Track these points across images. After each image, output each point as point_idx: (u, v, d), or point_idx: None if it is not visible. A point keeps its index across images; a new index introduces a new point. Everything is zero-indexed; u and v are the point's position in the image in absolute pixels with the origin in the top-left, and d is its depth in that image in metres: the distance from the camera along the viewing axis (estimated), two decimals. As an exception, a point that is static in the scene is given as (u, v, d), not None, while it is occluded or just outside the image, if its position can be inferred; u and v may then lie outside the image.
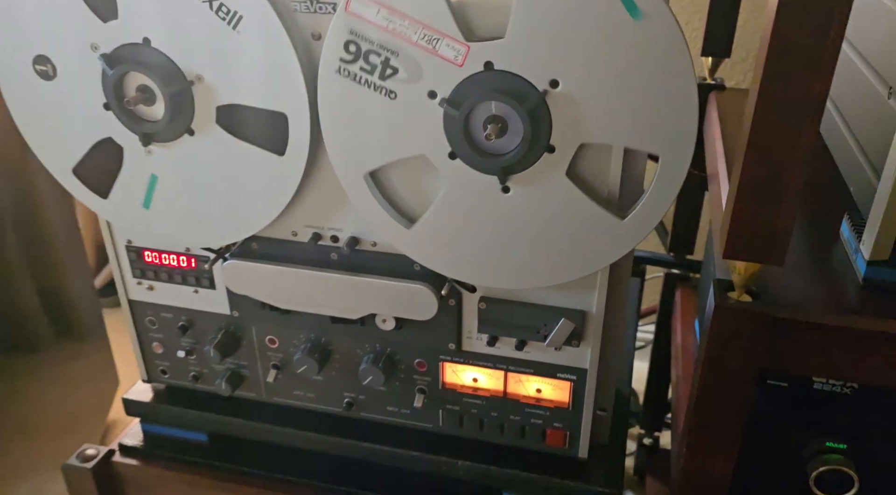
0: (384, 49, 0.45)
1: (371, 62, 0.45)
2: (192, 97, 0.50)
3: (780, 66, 0.37)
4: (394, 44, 0.44)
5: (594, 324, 0.54)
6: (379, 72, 0.46)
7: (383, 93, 0.46)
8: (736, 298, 0.45)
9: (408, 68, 0.45)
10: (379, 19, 0.44)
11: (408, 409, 0.62)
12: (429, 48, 0.44)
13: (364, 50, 0.45)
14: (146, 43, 0.49)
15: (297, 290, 0.57)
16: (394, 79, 0.45)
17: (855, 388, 0.52)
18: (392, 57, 0.45)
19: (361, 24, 0.44)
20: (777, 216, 0.41)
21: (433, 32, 0.44)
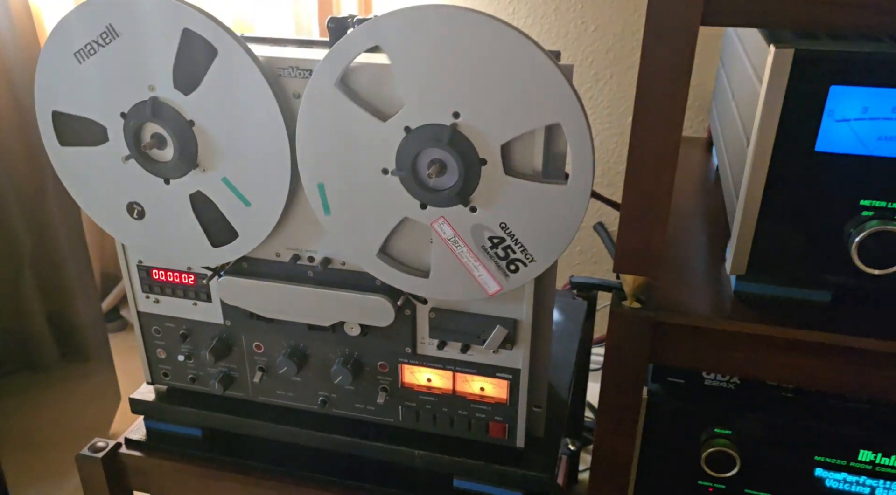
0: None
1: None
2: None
3: (645, 123, 0.49)
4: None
5: (524, 329, 0.65)
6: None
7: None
8: (627, 305, 0.57)
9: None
10: None
11: (372, 406, 0.73)
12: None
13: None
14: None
15: (279, 302, 0.68)
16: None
17: (737, 384, 0.63)
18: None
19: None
20: (651, 237, 0.53)
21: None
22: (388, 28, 0.54)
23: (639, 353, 0.57)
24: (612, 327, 0.57)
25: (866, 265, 0.51)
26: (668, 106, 0.48)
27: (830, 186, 0.51)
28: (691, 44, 0.47)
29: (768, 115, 0.50)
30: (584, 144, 0.53)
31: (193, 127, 0.61)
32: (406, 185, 0.58)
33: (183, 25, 0.57)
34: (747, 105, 0.59)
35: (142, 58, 0.59)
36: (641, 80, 0.48)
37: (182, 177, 0.64)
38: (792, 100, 0.49)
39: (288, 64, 0.59)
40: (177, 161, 0.63)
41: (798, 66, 0.48)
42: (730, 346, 0.56)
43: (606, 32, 1.26)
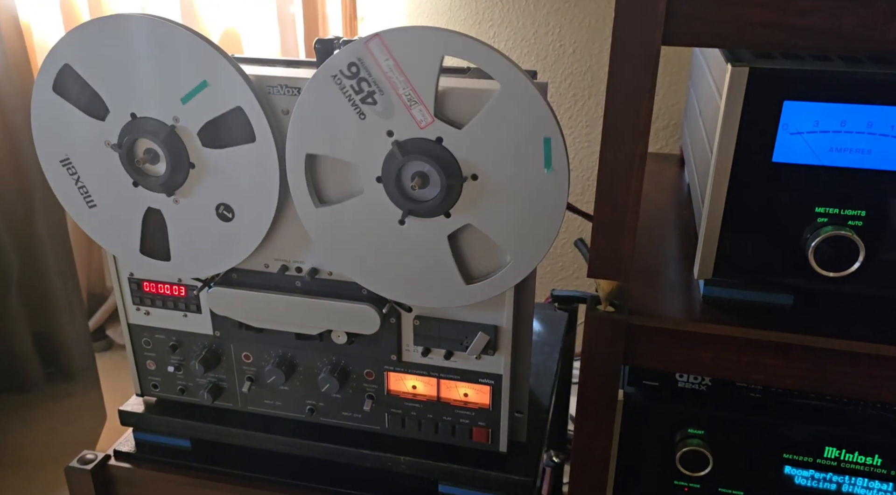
0: (375, 84, 0.58)
1: (361, 87, 0.59)
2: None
3: (612, 137, 0.53)
4: (384, 85, 0.58)
5: (505, 336, 0.67)
6: (362, 96, 0.59)
7: (356, 110, 0.59)
8: (602, 309, 0.60)
9: (384, 106, 0.59)
10: (384, 65, 0.57)
11: (359, 413, 0.75)
12: (406, 104, 0.58)
13: (361, 75, 0.58)
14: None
15: (268, 312, 0.70)
16: (370, 107, 0.59)
17: (709, 385, 0.66)
18: (377, 92, 0.58)
19: (369, 59, 0.57)
20: (621, 244, 0.56)
21: (416, 96, 0.58)
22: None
23: (613, 355, 0.60)
24: (587, 331, 0.60)
25: (823, 268, 0.55)
26: (634, 121, 0.52)
27: (787, 195, 0.55)
28: (653, 62, 0.50)
29: (727, 128, 0.54)
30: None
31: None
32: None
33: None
34: (711, 120, 0.63)
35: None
36: (609, 97, 0.52)
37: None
38: (749, 114, 0.53)
39: (277, 82, 0.62)
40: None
41: (753, 83, 0.52)
42: (699, 347, 0.59)
43: (584, 54, 1.30)
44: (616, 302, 0.60)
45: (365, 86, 0.59)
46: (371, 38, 0.57)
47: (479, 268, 0.64)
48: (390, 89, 0.58)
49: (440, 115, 0.58)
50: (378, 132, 0.60)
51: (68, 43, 0.63)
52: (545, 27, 1.31)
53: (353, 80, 0.59)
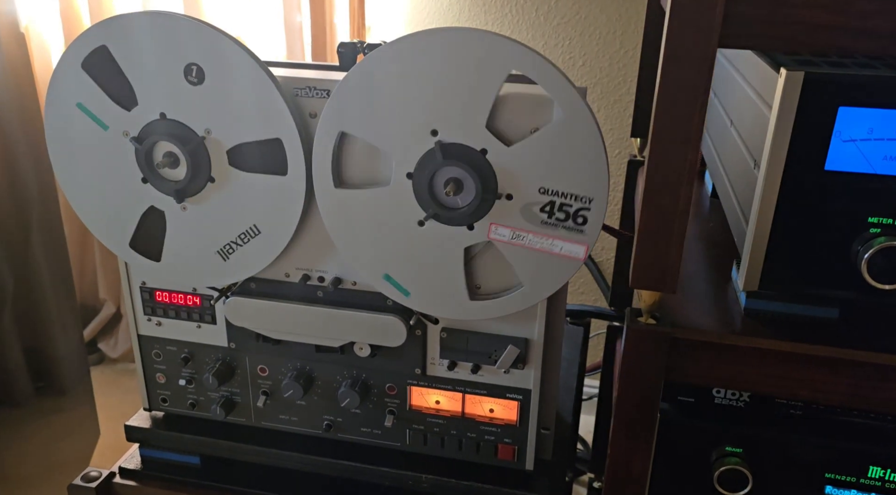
0: None
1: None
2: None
3: (662, 143, 0.51)
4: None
5: (536, 349, 0.65)
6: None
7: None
8: (643, 322, 0.58)
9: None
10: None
11: (379, 430, 0.72)
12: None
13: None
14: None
15: (288, 323, 0.67)
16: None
17: (747, 402, 0.64)
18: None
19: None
20: (667, 253, 0.54)
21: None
22: (343, 107, 0.56)
23: (655, 369, 0.57)
24: (628, 344, 0.57)
25: (876, 280, 0.53)
26: (686, 126, 0.50)
27: (839, 204, 0.53)
28: (709, 65, 0.48)
29: (779, 135, 0.52)
30: (546, 70, 0.54)
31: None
32: (443, 220, 0.59)
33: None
34: (752, 128, 0.61)
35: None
36: (659, 101, 0.50)
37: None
38: (802, 121, 0.51)
39: (305, 84, 0.60)
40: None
41: (808, 89, 0.50)
42: (743, 362, 0.57)
43: (594, 67, 1.30)
44: (657, 314, 0.58)
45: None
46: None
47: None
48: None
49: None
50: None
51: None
52: (555, 39, 1.30)
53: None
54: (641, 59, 0.95)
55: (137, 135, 0.62)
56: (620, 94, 1.30)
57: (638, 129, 0.98)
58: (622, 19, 1.24)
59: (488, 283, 0.63)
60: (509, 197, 0.58)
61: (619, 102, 1.31)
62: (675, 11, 0.48)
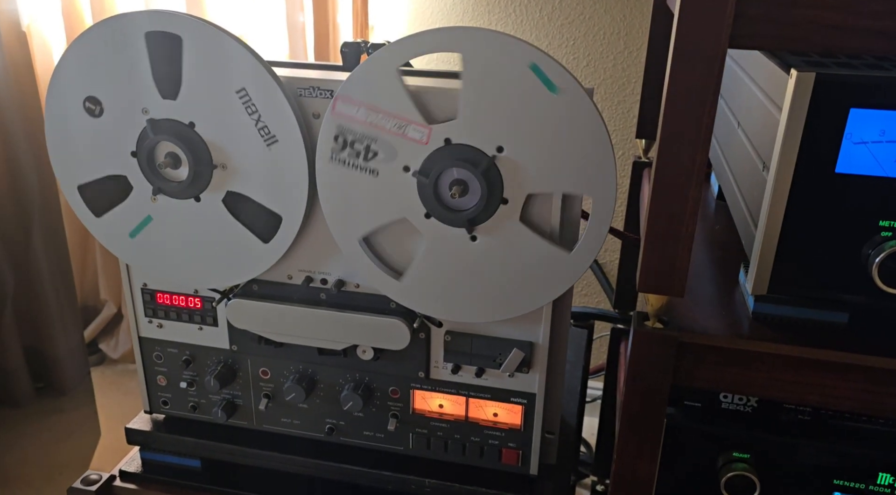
0: (365, 137, 0.57)
1: (356, 149, 0.57)
2: (212, 177, 0.61)
3: (671, 144, 0.50)
4: (372, 133, 0.57)
5: (541, 353, 0.64)
6: (362, 156, 0.58)
7: (367, 172, 0.58)
8: (650, 326, 0.57)
9: (385, 150, 0.57)
10: (360, 116, 0.56)
11: (382, 433, 0.71)
12: (399, 133, 0.56)
13: (349, 140, 0.57)
14: (191, 125, 0.60)
15: (290, 325, 0.67)
16: (375, 160, 0.57)
17: (754, 407, 0.63)
18: (372, 143, 0.57)
19: (346, 120, 0.56)
20: (675, 257, 0.53)
21: (402, 120, 0.56)
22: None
23: (662, 374, 0.57)
24: (635, 348, 0.57)
25: (887, 285, 0.52)
26: (695, 127, 0.49)
27: (850, 208, 0.52)
28: (719, 66, 0.48)
29: (790, 137, 0.51)
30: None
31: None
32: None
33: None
34: (761, 130, 0.61)
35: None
36: (668, 102, 0.49)
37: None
38: (812, 123, 0.51)
39: (308, 84, 0.59)
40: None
41: (819, 90, 0.50)
42: (751, 367, 0.56)
43: (598, 68, 1.29)
44: (664, 318, 0.57)
45: (358, 146, 0.58)
46: (333, 103, 0.56)
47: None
48: (379, 132, 0.57)
49: (432, 119, 0.56)
50: (397, 175, 0.58)
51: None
52: (559, 39, 1.29)
53: (346, 148, 0.58)
54: (647, 59, 0.94)
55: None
56: (625, 94, 1.29)
57: (643, 130, 0.97)
58: (626, 20, 1.24)
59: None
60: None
61: (624, 103, 1.30)
62: (684, 11, 0.47)
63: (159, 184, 0.62)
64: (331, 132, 0.57)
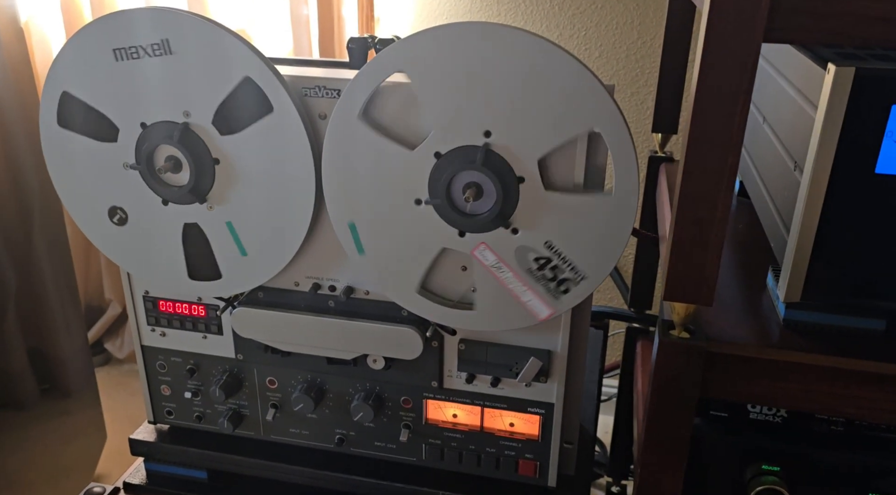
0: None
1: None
2: (195, 133, 0.58)
3: (700, 144, 0.47)
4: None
5: (559, 361, 0.62)
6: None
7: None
8: (676, 335, 0.54)
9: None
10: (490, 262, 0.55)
11: (394, 444, 0.69)
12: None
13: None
14: (143, 126, 0.58)
15: (298, 334, 0.64)
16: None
17: (784, 417, 0.60)
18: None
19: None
20: (704, 264, 0.50)
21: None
22: (411, 51, 0.51)
23: (689, 386, 0.54)
24: (660, 359, 0.54)
25: (929, 292, 0.49)
26: (727, 127, 0.46)
27: (891, 210, 0.49)
28: (753, 62, 0.44)
29: (826, 136, 0.48)
30: (626, 151, 0.51)
31: (217, 165, 0.58)
32: (442, 214, 0.55)
33: (245, 73, 0.55)
34: (792, 127, 0.58)
35: (187, 84, 0.56)
36: (698, 100, 0.46)
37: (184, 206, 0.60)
38: (851, 120, 0.47)
39: (314, 83, 0.56)
40: (188, 191, 0.59)
41: (859, 86, 0.47)
42: (784, 378, 0.53)
43: (610, 58, 1.25)
44: (691, 326, 0.54)
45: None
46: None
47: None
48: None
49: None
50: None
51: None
52: (570, 30, 1.26)
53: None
54: (664, 49, 0.91)
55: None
56: (638, 86, 1.25)
57: (660, 124, 0.94)
58: (640, 9, 1.20)
59: (439, 286, 0.60)
60: (515, 231, 0.55)
61: (637, 95, 1.26)
62: (716, 3, 0.44)
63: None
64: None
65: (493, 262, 0.55)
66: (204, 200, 0.60)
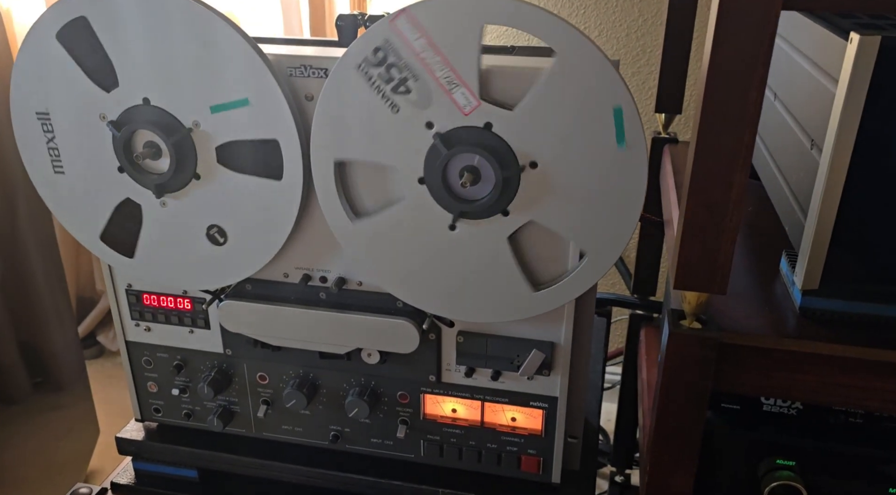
0: (407, 69, 0.49)
1: (391, 74, 0.49)
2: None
3: (713, 122, 0.44)
4: (417, 69, 0.49)
5: (563, 354, 0.59)
6: (393, 85, 0.50)
7: (388, 103, 0.50)
8: (687, 325, 0.51)
9: (420, 94, 0.49)
10: (416, 44, 0.48)
11: (391, 440, 0.66)
12: (446, 88, 0.49)
13: (389, 61, 0.49)
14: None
15: (288, 328, 0.61)
16: (404, 97, 0.50)
17: (800, 409, 0.58)
18: (411, 79, 0.49)
19: (398, 40, 0.48)
20: (717, 251, 0.47)
21: (456, 77, 0.49)
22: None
23: (702, 379, 0.51)
24: (670, 351, 0.51)
25: (958, 277, 0.46)
26: (742, 103, 0.43)
27: (916, 190, 0.46)
28: (771, 31, 0.41)
29: (849, 112, 0.45)
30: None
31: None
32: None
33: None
34: (807, 103, 0.54)
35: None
36: (711, 74, 0.43)
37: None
38: (876, 94, 0.44)
39: (300, 62, 0.53)
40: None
41: (885, 57, 0.43)
42: (801, 369, 0.50)
43: (610, 37, 1.21)
44: (703, 316, 0.51)
45: (395, 72, 0.49)
46: (397, 14, 0.48)
47: (544, 272, 0.55)
48: (425, 73, 0.49)
49: (486, 96, 0.49)
50: (416, 125, 0.51)
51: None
52: (569, 8, 1.22)
53: (381, 67, 0.49)
54: (667, 26, 0.87)
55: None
56: (639, 65, 1.22)
57: (664, 104, 0.90)
58: (641, -14, 1.16)
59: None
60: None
61: (639, 74, 1.23)
62: (731, -32, 0.40)
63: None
64: (374, 41, 0.49)
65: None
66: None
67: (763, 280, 0.60)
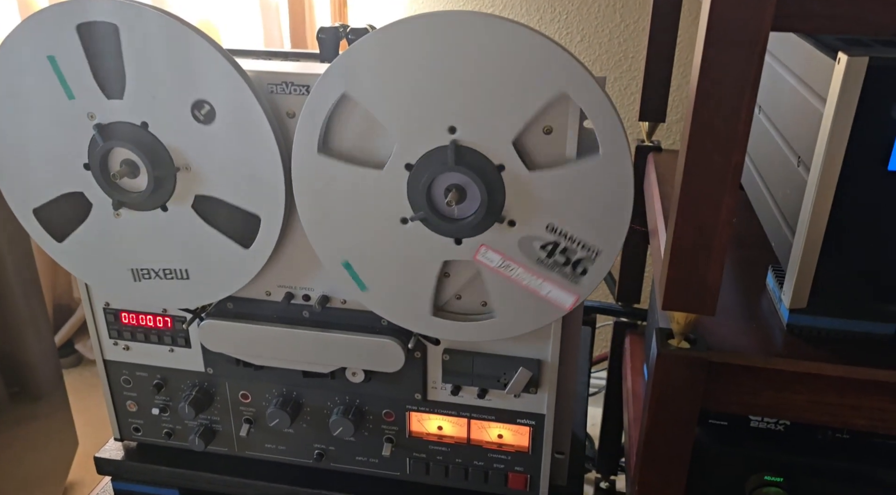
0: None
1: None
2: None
3: (702, 142, 0.43)
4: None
5: (550, 371, 0.58)
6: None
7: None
8: (676, 345, 0.50)
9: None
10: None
11: (376, 458, 0.65)
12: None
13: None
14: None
15: (271, 348, 0.60)
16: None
17: (787, 426, 0.57)
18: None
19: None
20: (707, 272, 0.46)
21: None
22: (352, 69, 0.47)
23: (690, 399, 0.50)
24: (659, 371, 0.50)
25: (945, 296, 0.46)
26: (731, 123, 0.42)
27: (904, 210, 0.46)
28: (760, 52, 0.41)
29: (836, 130, 0.45)
30: (602, 106, 0.46)
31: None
32: (431, 226, 0.51)
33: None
34: (794, 120, 0.54)
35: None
36: (700, 93, 0.42)
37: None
38: (864, 113, 0.44)
39: (281, 79, 0.52)
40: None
41: (872, 77, 0.43)
42: (790, 388, 0.50)
43: (592, 42, 1.21)
44: (691, 336, 0.51)
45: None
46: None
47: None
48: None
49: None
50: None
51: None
52: (550, 14, 1.21)
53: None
54: (651, 32, 0.87)
55: (105, 126, 0.53)
56: (621, 71, 1.22)
57: (647, 112, 0.90)
58: (623, -9, 1.16)
59: (456, 302, 0.56)
60: (511, 223, 0.50)
61: (620, 80, 1.23)
62: (720, -11, 0.40)
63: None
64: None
65: (498, 263, 0.51)
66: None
67: (749, 294, 0.60)
